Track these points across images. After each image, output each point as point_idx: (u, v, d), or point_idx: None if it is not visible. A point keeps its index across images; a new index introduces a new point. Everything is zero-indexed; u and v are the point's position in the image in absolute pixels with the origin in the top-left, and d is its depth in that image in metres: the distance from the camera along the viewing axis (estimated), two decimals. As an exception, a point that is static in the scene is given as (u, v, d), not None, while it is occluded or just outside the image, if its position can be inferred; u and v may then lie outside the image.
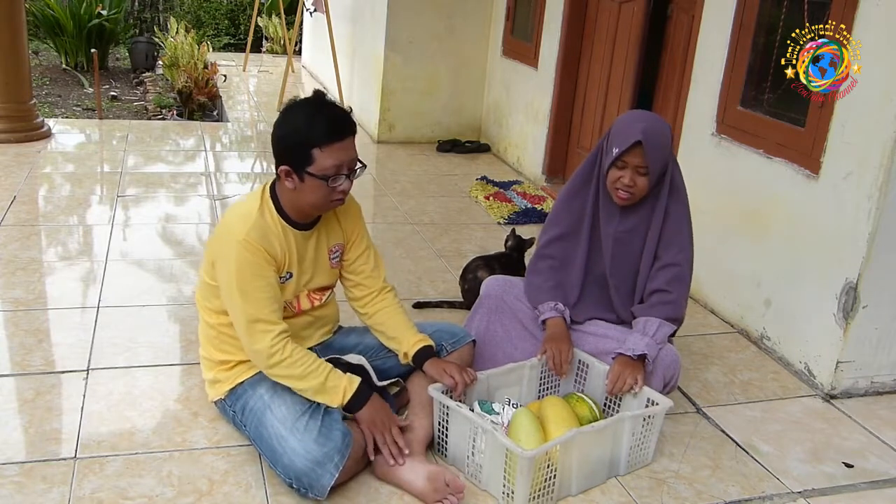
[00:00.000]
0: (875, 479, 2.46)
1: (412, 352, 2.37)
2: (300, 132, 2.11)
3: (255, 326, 2.13)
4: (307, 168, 2.12)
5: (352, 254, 2.43)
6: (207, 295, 2.31)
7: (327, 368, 2.18)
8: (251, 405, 2.23)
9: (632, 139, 2.37)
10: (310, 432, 2.09)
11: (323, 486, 2.05)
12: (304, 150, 2.10)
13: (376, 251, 2.49)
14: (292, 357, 2.15)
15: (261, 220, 2.18)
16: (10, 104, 5.27)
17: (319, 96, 2.19)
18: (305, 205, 2.21)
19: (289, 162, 2.13)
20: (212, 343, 2.34)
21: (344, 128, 2.15)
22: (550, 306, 2.56)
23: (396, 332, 2.41)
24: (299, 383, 2.16)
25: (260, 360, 2.17)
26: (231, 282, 2.14)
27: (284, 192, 2.21)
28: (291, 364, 2.14)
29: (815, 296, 2.96)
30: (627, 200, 2.46)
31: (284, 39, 9.73)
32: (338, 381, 2.17)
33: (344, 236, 2.41)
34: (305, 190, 2.15)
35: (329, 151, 2.11)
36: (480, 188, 5.07)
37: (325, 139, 2.10)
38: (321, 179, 2.13)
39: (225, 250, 2.16)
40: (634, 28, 4.36)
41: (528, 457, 2.03)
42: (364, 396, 2.19)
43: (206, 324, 2.34)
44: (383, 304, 2.44)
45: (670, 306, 2.48)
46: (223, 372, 2.32)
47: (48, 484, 2.11)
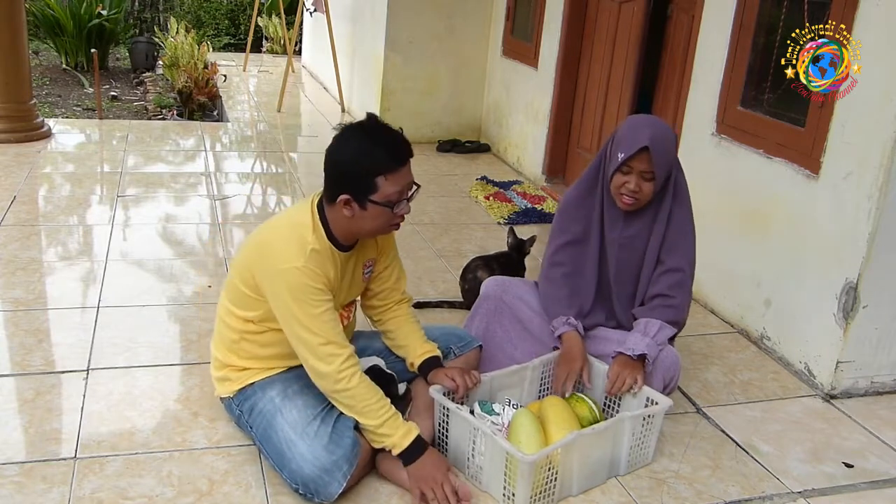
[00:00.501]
0: (875, 479, 2.46)
1: (419, 362, 2.37)
2: (363, 160, 2.05)
3: (327, 349, 2.08)
4: (370, 196, 2.06)
5: (380, 265, 2.40)
6: (240, 303, 2.23)
7: (389, 413, 2.11)
8: (260, 407, 2.21)
9: (639, 144, 2.35)
10: (320, 438, 2.08)
11: (330, 494, 2.05)
12: (369, 179, 2.05)
13: (401, 263, 2.46)
14: (357, 389, 2.09)
15: (316, 244, 2.11)
16: (10, 104, 5.27)
17: (374, 121, 2.14)
18: (363, 231, 2.16)
19: (350, 191, 2.07)
20: (229, 347, 2.29)
21: (406, 153, 2.10)
22: (563, 321, 2.52)
23: (406, 341, 2.40)
24: (355, 415, 2.12)
25: (325, 383, 2.12)
26: (290, 307, 2.07)
27: (339, 219, 2.13)
28: (354, 396, 2.09)
29: (815, 296, 2.96)
30: (632, 206, 2.45)
31: (284, 39, 9.74)
32: (394, 430, 2.10)
33: (377, 251, 2.37)
34: (366, 217, 2.10)
35: (393, 179, 2.06)
36: (480, 188, 5.07)
37: (390, 167, 2.05)
38: (385, 206, 2.09)
39: (279, 276, 2.08)
40: (634, 28, 4.36)
41: (529, 461, 2.03)
42: (419, 450, 2.12)
43: (228, 327, 2.28)
44: (397, 314, 2.43)
45: (672, 310, 2.48)
46: (234, 372, 2.30)
47: (48, 484, 2.11)
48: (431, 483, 2.10)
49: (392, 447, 2.11)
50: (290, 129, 6.60)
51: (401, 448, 2.10)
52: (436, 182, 5.23)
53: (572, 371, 2.43)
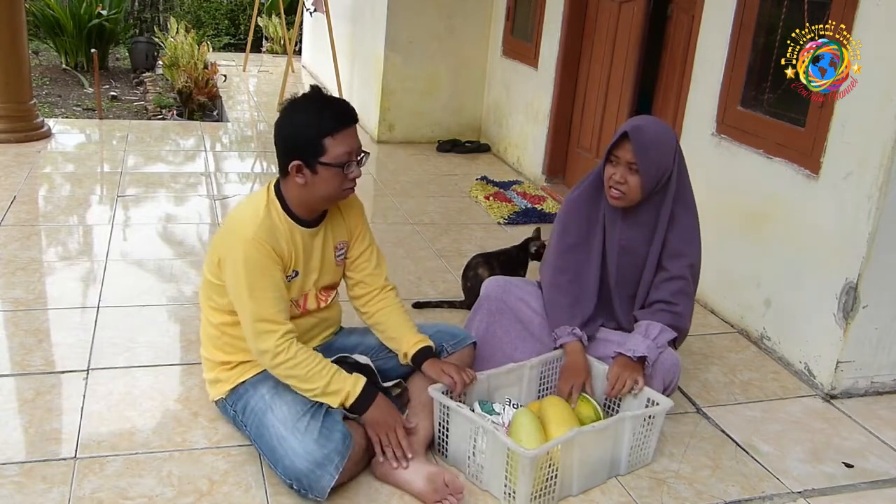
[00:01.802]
0: (875, 479, 2.46)
1: (412, 352, 2.37)
2: (310, 125, 2.14)
3: (262, 326, 2.14)
4: (320, 158, 2.14)
5: (355, 251, 2.43)
6: (211, 294, 2.30)
7: (332, 370, 2.18)
8: (252, 405, 2.23)
9: (620, 132, 2.39)
10: (310, 433, 2.09)
11: (323, 488, 2.05)
12: (316, 142, 2.13)
13: (378, 249, 2.49)
14: (297, 358, 2.15)
15: (268, 218, 2.18)
16: (10, 104, 5.27)
17: (318, 91, 2.22)
18: (318, 198, 2.22)
19: (300, 156, 2.15)
20: (213, 343, 2.34)
21: (350, 115, 2.19)
22: (567, 331, 2.52)
23: (397, 332, 2.41)
24: (303, 384, 2.16)
25: (265, 359, 2.17)
26: (239, 281, 2.14)
27: (293, 188, 2.21)
28: (296, 365, 2.14)
29: (815, 296, 2.96)
30: (620, 200, 2.45)
31: (284, 39, 9.73)
32: (342, 384, 2.17)
33: (348, 233, 2.41)
34: (318, 182, 2.17)
35: (340, 139, 2.15)
36: (480, 188, 5.07)
37: (335, 127, 2.14)
38: (336, 167, 2.15)
39: (232, 249, 2.16)
40: (634, 28, 4.36)
41: (530, 456, 2.03)
42: (370, 397, 2.19)
43: (209, 323, 2.34)
44: (384, 304, 2.44)
45: (674, 316, 2.47)
46: (224, 372, 2.32)
47: (48, 484, 2.11)
48: (386, 428, 2.17)
49: (346, 398, 2.16)
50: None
51: (355, 395, 2.16)
52: (436, 182, 5.23)
53: (577, 385, 2.43)
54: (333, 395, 2.16)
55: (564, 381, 2.45)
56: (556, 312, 2.56)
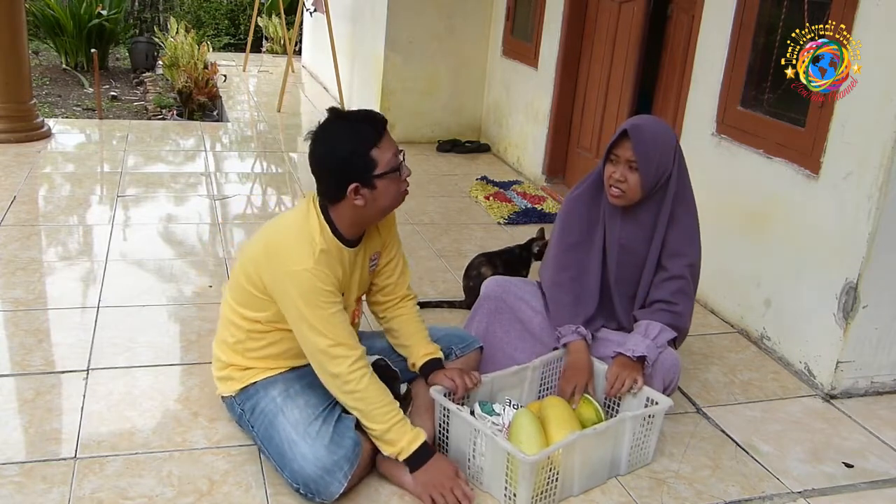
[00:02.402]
0: (875, 479, 2.46)
1: (420, 363, 2.37)
2: (354, 143, 2.08)
3: (335, 350, 2.08)
4: (374, 172, 2.09)
5: (383, 259, 2.40)
6: (248, 304, 2.22)
7: (396, 418, 2.11)
8: (262, 406, 2.21)
9: (620, 130, 2.40)
10: (321, 438, 2.08)
11: (331, 494, 2.05)
12: (365, 157, 2.08)
13: (404, 258, 2.47)
14: (366, 392, 2.09)
15: (324, 244, 2.12)
16: (10, 104, 5.27)
17: (339, 111, 2.17)
18: (379, 211, 2.18)
19: (354, 178, 2.08)
20: (234, 349, 2.28)
21: (382, 121, 2.15)
22: (571, 329, 2.51)
23: (409, 341, 2.40)
24: (362, 418, 2.12)
25: (334, 385, 2.12)
26: (300, 309, 2.07)
27: (348, 211, 2.14)
28: (363, 399, 2.09)
29: (815, 296, 2.96)
30: (620, 199, 2.45)
31: (284, 39, 9.73)
32: (401, 436, 2.10)
33: (382, 244, 2.38)
34: (379, 196, 2.12)
35: (384, 146, 2.11)
36: (480, 188, 5.07)
37: (377, 137, 2.10)
38: (392, 174, 2.12)
39: (289, 278, 2.08)
40: (634, 28, 4.36)
41: (531, 462, 2.03)
42: (425, 455, 2.12)
43: (237, 328, 2.26)
44: (402, 312, 2.43)
45: (674, 315, 2.47)
46: (237, 371, 2.30)
47: (48, 484, 2.11)
48: (440, 489, 2.10)
49: (399, 453, 2.10)
50: (290, 129, 6.60)
51: (407, 454, 2.10)
52: (436, 182, 5.23)
53: (579, 385, 2.42)
54: (388, 445, 2.11)
55: (567, 381, 2.45)
56: (559, 311, 2.56)
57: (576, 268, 2.58)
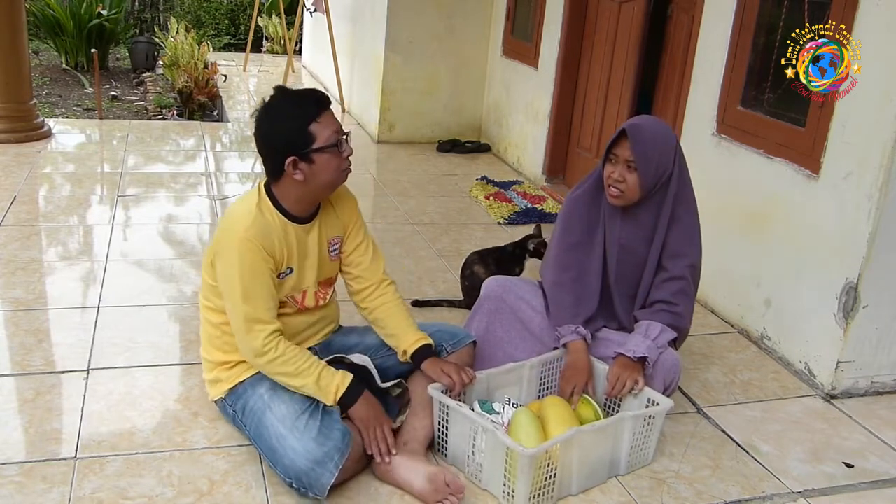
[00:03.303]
0: (875, 479, 2.46)
1: (411, 350, 2.37)
2: (293, 118, 2.16)
3: (250, 324, 2.16)
4: (313, 146, 2.15)
5: (349, 244, 2.44)
6: (209, 295, 2.32)
7: (320, 366, 2.20)
8: (251, 404, 2.23)
9: (619, 130, 2.40)
10: (309, 431, 2.09)
11: (322, 486, 2.05)
12: (303, 131, 2.14)
13: (375, 243, 2.49)
14: (285, 355, 2.16)
15: (260, 217, 2.20)
16: (11, 104, 5.27)
17: (283, 87, 2.25)
18: (319, 187, 2.23)
19: (293, 151, 2.15)
20: (213, 344, 2.34)
21: (324, 98, 2.21)
22: (571, 329, 2.51)
23: (396, 330, 2.41)
24: (293, 380, 2.18)
25: (253, 357, 2.19)
26: (232, 279, 2.16)
27: (290, 186, 2.21)
28: (284, 362, 2.16)
29: (815, 296, 2.96)
30: (618, 199, 2.45)
31: (284, 39, 9.73)
32: (330, 379, 2.18)
33: (342, 228, 2.42)
34: (318, 171, 2.18)
35: (324, 122, 2.17)
36: (480, 188, 5.07)
37: (317, 112, 2.17)
38: (331, 149, 2.17)
39: (225, 248, 2.18)
40: (634, 28, 4.36)
41: (529, 455, 2.04)
42: (356, 393, 2.20)
43: (209, 323, 2.35)
44: (384, 300, 2.44)
45: (674, 316, 2.47)
46: (224, 371, 2.32)
47: (48, 484, 2.11)
48: (373, 423, 2.19)
49: (336, 391, 2.17)
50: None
51: (344, 387, 2.17)
52: (436, 182, 5.23)
53: (578, 386, 2.43)
54: (325, 391, 2.17)
55: (566, 382, 2.45)
56: (560, 311, 2.56)
57: (577, 268, 2.58)
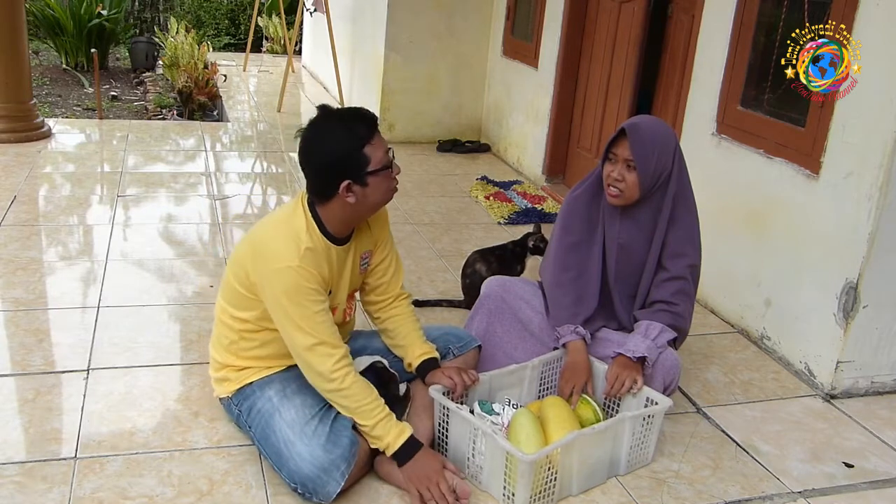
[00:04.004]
0: (875, 479, 2.46)
1: (417, 363, 2.37)
2: (346, 140, 2.09)
3: (318, 349, 2.10)
4: (367, 169, 2.10)
5: (376, 258, 2.40)
6: (237, 303, 2.24)
7: (382, 414, 2.12)
8: (259, 406, 2.22)
9: (618, 129, 2.41)
10: (318, 437, 2.08)
11: (328, 494, 2.05)
12: (358, 154, 2.09)
13: (398, 256, 2.47)
14: (351, 389, 2.11)
15: (310, 243, 2.13)
16: (10, 104, 5.27)
17: (329, 108, 2.18)
18: (369, 209, 2.19)
19: (347, 175, 2.09)
20: (229, 349, 2.29)
21: (374, 118, 2.17)
22: (570, 329, 2.51)
23: (405, 341, 2.40)
24: (350, 414, 2.13)
25: (319, 382, 2.14)
26: (284, 307, 2.09)
27: (339, 208, 2.15)
28: (348, 396, 2.11)
29: (815, 296, 2.96)
30: (618, 198, 2.45)
31: (284, 39, 9.74)
32: (387, 431, 2.11)
33: (373, 242, 2.38)
34: (370, 193, 2.14)
35: (376, 143, 2.13)
36: (480, 188, 5.07)
37: (369, 134, 2.12)
38: (384, 171, 2.14)
39: (274, 276, 2.09)
40: (634, 28, 4.36)
41: (529, 461, 2.03)
42: (413, 448, 2.13)
43: (228, 328, 2.28)
44: (397, 312, 2.43)
45: (674, 316, 2.47)
46: (233, 372, 2.30)
47: (48, 484, 2.11)
48: (427, 482, 2.10)
49: (386, 448, 2.12)
50: (290, 129, 6.59)
51: (394, 448, 2.11)
52: (436, 182, 5.23)
53: (578, 385, 2.43)
54: (376, 440, 2.13)
55: (565, 382, 2.45)
56: (559, 311, 2.56)
57: (576, 268, 2.58)
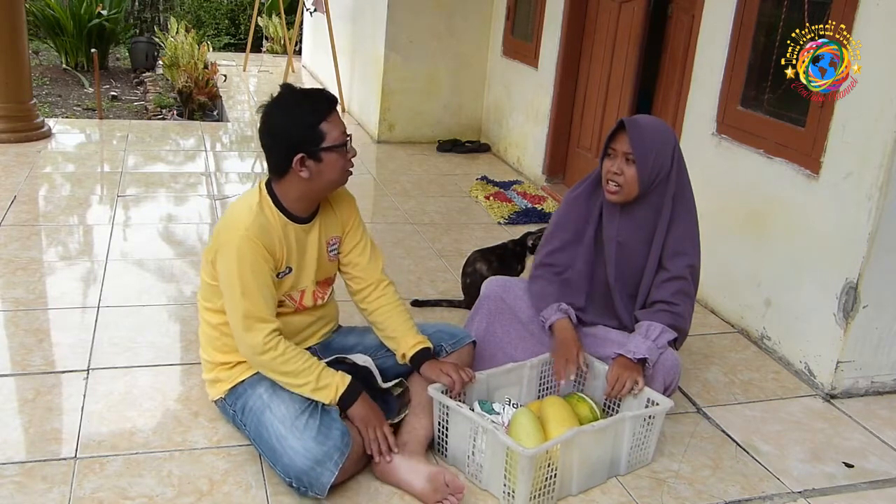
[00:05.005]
0: (875, 479, 2.46)
1: (410, 353, 2.37)
2: (305, 115, 2.15)
3: (250, 322, 2.16)
4: (322, 145, 2.16)
5: (347, 244, 2.44)
6: (208, 296, 2.32)
7: (319, 366, 2.20)
8: (251, 404, 2.23)
9: (617, 124, 2.43)
10: (309, 431, 2.09)
11: (322, 485, 2.05)
12: (314, 130, 2.15)
13: (373, 243, 2.50)
14: (284, 355, 2.17)
15: (261, 215, 2.20)
16: (11, 104, 5.27)
17: (291, 86, 2.25)
18: (323, 186, 2.24)
19: (302, 148, 2.15)
20: (212, 344, 2.34)
21: (333, 98, 2.22)
22: (554, 308, 2.52)
23: (396, 332, 2.41)
24: (291, 380, 2.18)
25: (252, 355, 2.19)
26: (231, 275, 2.16)
27: (294, 184, 2.21)
28: (284, 361, 2.16)
29: (815, 296, 2.96)
30: (617, 194, 2.45)
31: (284, 39, 9.73)
32: (330, 379, 2.19)
33: (341, 227, 2.42)
34: (324, 169, 2.19)
35: (333, 122, 2.18)
36: (480, 188, 5.07)
37: (327, 111, 2.18)
38: (338, 149, 2.18)
39: (226, 246, 2.18)
40: (634, 28, 4.36)
41: (529, 455, 2.04)
42: (355, 393, 2.21)
43: (208, 324, 2.35)
44: (384, 301, 2.44)
45: (674, 316, 2.47)
46: (224, 371, 2.32)
47: (48, 484, 2.11)
48: (371, 422, 2.19)
49: (336, 391, 2.18)
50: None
51: (343, 387, 2.18)
52: (436, 182, 5.23)
53: (570, 357, 2.43)
54: (324, 390, 2.17)
55: (558, 357, 2.45)
56: (540, 299, 2.58)
57: (563, 264, 2.60)
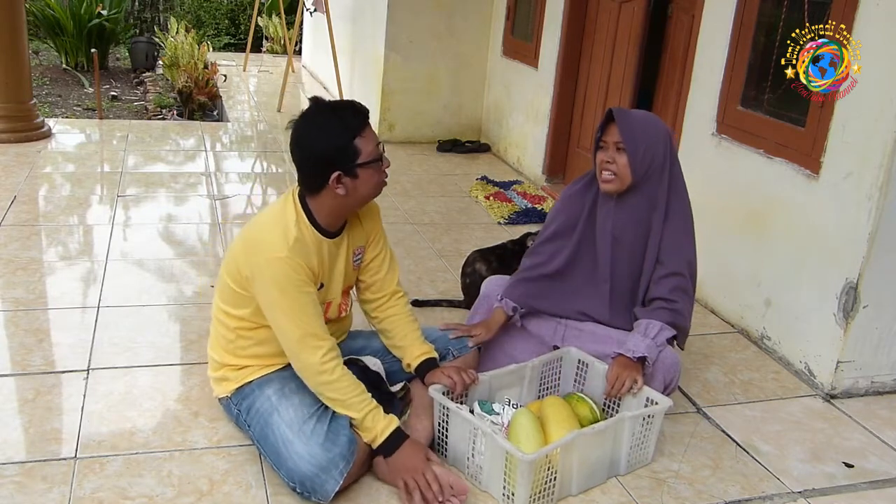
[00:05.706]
0: (875, 479, 2.46)
1: (415, 364, 2.37)
2: (338, 132, 2.11)
3: (307, 341, 2.12)
4: (357, 161, 2.12)
5: (369, 254, 2.41)
6: (232, 302, 2.25)
7: (370, 406, 2.14)
8: (258, 406, 2.22)
9: (605, 115, 2.45)
10: (316, 436, 2.08)
11: (327, 493, 2.05)
12: (349, 146, 2.11)
13: (392, 253, 2.47)
14: (340, 382, 2.13)
15: (300, 235, 2.14)
16: (11, 104, 5.27)
17: (321, 100, 2.20)
18: (358, 201, 2.20)
19: (338, 166, 2.11)
20: (226, 348, 2.30)
21: (364, 110, 2.18)
22: (504, 302, 2.62)
23: (404, 342, 2.40)
24: (338, 407, 2.14)
25: (308, 375, 2.15)
26: (275, 299, 2.11)
27: (329, 200, 2.17)
28: (337, 389, 2.13)
29: (815, 296, 2.96)
30: (611, 183, 2.45)
31: (284, 39, 9.73)
32: (375, 423, 2.13)
33: (365, 237, 2.39)
34: (360, 185, 2.15)
35: (366, 136, 2.14)
36: (480, 188, 5.07)
37: (360, 126, 2.13)
38: (374, 164, 2.15)
39: (265, 267, 2.11)
40: (634, 28, 4.36)
41: (529, 460, 2.03)
42: (398, 440, 2.15)
43: (224, 327, 2.29)
44: (394, 311, 2.43)
45: (673, 313, 2.46)
46: (232, 371, 2.31)
47: (48, 484, 2.11)
48: (412, 472, 2.11)
49: (373, 440, 2.14)
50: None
51: (381, 439, 2.13)
52: (436, 182, 5.23)
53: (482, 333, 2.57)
54: (364, 432, 2.14)
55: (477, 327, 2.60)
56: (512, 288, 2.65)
57: (548, 255, 2.62)
